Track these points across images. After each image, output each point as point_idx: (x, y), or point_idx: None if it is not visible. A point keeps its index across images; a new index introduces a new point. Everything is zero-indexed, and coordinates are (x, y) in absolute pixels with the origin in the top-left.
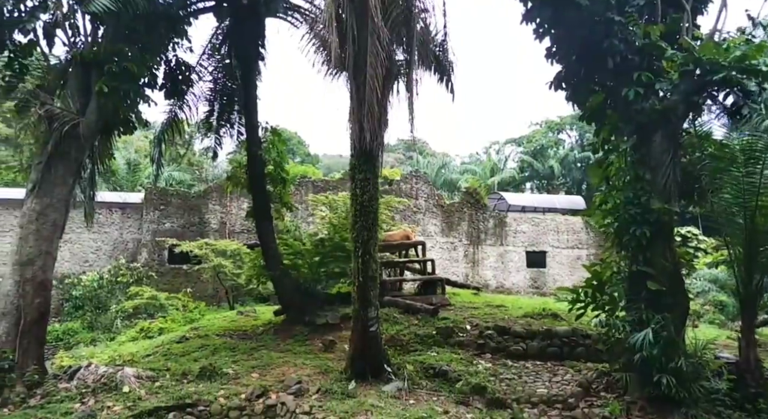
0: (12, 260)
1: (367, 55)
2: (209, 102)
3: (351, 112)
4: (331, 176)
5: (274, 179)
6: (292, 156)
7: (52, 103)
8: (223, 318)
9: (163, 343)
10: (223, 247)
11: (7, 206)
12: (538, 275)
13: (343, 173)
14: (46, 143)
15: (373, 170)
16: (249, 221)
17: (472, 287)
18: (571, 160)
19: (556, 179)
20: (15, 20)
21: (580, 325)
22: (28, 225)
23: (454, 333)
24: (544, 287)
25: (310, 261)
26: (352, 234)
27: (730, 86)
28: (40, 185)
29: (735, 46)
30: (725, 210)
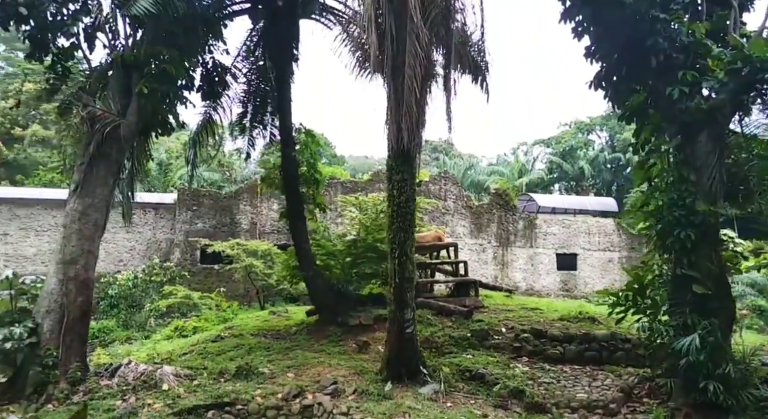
0: (55, 259)
1: (405, 56)
2: (243, 104)
3: (388, 113)
4: (359, 177)
5: (307, 180)
6: (319, 157)
7: (94, 105)
8: (256, 318)
9: (199, 342)
10: (254, 247)
11: (46, 206)
12: (568, 277)
13: (371, 174)
14: (87, 145)
15: (411, 171)
16: (279, 221)
17: (504, 290)
18: (602, 161)
19: (585, 180)
20: (58, 24)
21: (619, 329)
22: (71, 225)
23: (490, 335)
24: (575, 290)
25: (342, 262)
26: (388, 235)
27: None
28: (82, 186)
29: None
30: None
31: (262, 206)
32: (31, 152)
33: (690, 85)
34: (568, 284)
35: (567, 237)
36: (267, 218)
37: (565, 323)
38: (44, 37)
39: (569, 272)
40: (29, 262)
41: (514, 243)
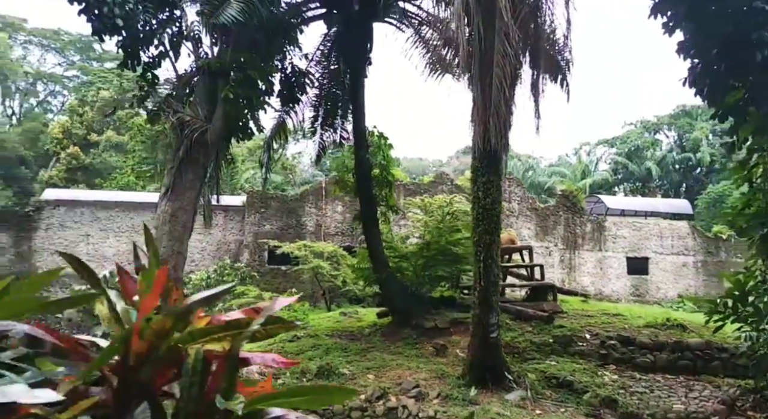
0: None
1: (494, 55)
2: (314, 108)
3: (474, 113)
4: (420, 178)
5: (379, 182)
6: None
7: (183, 112)
8: (327, 319)
9: (276, 341)
10: (321, 249)
11: (124, 208)
12: (639, 282)
13: (433, 176)
14: (177, 150)
15: (497, 173)
16: (343, 223)
17: (580, 294)
18: (670, 161)
19: (652, 181)
20: (149, 34)
21: (714, 338)
22: (162, 226)
23: (573, 341)
24: (646, 296)
25: (414, 264)
26: (473, 238)
27: None
28: (172, 189)
29: None
30: None
31: (326, 208)
32: (106, 157)
33: None
34: (639, 289)
35: (638, 240)
36: (331, 220)
37: (652, 330)
38: (136, 47)
39: (640, 277)
40: (108, 262)
41: (581, 246)
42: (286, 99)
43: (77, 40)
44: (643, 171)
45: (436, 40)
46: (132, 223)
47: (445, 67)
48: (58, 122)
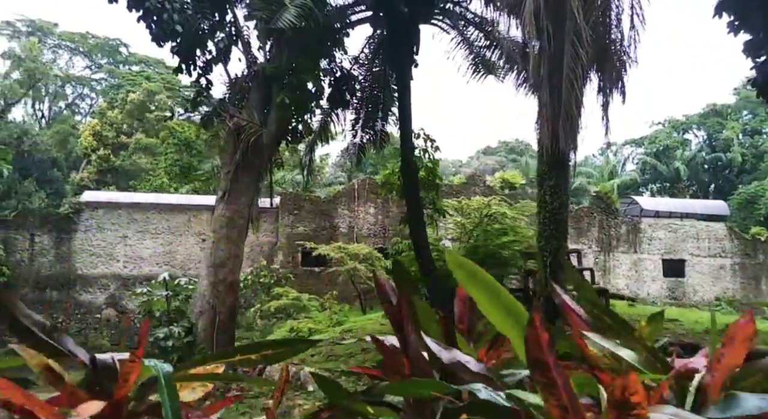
0: (206, 263)
1: (563, 57)
2: (356, 110)
3: (542, 116)
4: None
5: (426, 185)
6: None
7: (240, 116)
8: (369, 321)
9: (321, 344)
10: (356, 251)
11: (160, 210)
12: (676, 285)
13: (466, 177)
14: (233, 154)
15: (565, 177)
16: (375, 225)
17: (627, 298)
18: (699, 162)
19: (681, 181)
20: (202, 39)
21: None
22: (219, 230)
23: None
24: (683, 298)
25: None
26: (539, 243)
27: None
28: (229, 193)
29: None
30: None
31: (359, 209)
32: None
33: None
34: (675, 292)
35: (674, 242)
36: (364, 221)
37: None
38: (191, 52)
39: (677, 279)
40: (145, 263)
41: (616, 248)
42: (336, 102)
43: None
44: (671, 171)
45: (481, 41)
46: (168, 224)
47: (488, 68)
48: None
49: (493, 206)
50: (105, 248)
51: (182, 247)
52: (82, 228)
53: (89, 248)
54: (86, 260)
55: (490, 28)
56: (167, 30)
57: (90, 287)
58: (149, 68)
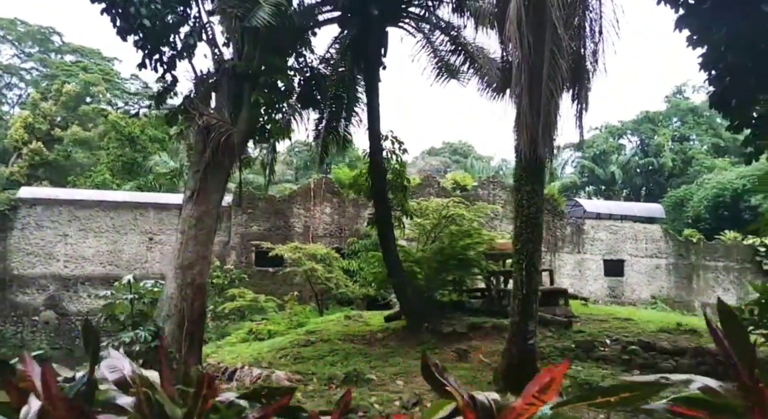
0: (174, 265)
1: (543, 66)
2: (319, 110)
3: (520, 122)
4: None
5: (394, 186)
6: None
7: (210, 114)
8: (332, 322)
9: (289, 346)
10: (313, 251)
11: (104, 208)
12: (616, 284)
13: (421, 179)
14: (202, 153)
15: (541, 182)
16: (331, 225)
17: (580, 298)
18: (633, 166)
19: (616, 184)
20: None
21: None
22: (188, 231)
23: (595, 347)
24: (622, 297)
25: (427, 269)
26: (515, 246)
27: None
28: (198, 193)
29: None
30: None
31: (315, 209)
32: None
33: None
34: (615, 291)
35: (614, 243)
36: (320, 221)
37: (667, 335)
38: (156, 47)
39: (616, 279)
40: (88, 262)
41: (561, 249)
42: (307, 102)
43: (36, 31)
44: (607, 175)
45: (446, 46)
46: (112, 223)
47: (451, 72)
48: (19, 116)
49: (451, 208)
50: (44, 247)
51: (128, 246)
52: (18, 226)
53: (26, 247)
54: (23, 259)
55: (455, 32)
56: (134, 24)
57: (27, 288)
58: (85, 58)
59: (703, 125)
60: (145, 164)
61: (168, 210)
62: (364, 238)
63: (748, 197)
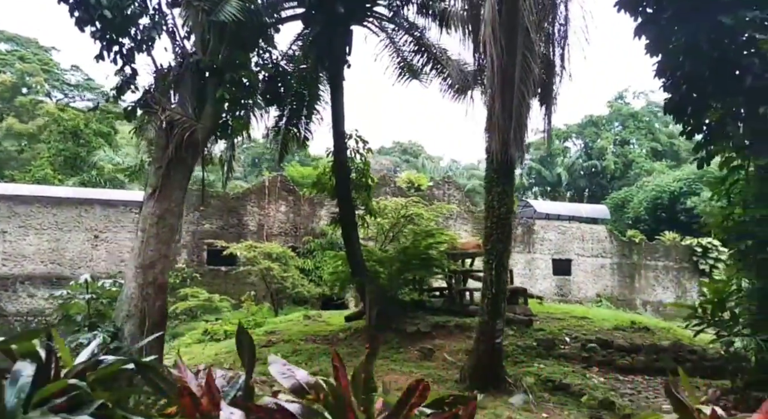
0: (134, 263)
1: (515, 70)
2: (280, 107)
3: (493, 125)
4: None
5: (357, 186)
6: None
7: (173, 109)
8: (292, 322)
9: None
10: (269, 250)
11: (46, 203)
12: (563, 282)
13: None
14: (164, 148)
15: (511, 183)
16: (286, 224)
17: (536, 297)
18: (577, 168)
19: (561, 186)
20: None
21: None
22: (149, 229)
23: (555, 344)
24: (569, 295)
25: (390, 268)
26: (485, 246)
27: None
28: (160, 190)
29: None
30: None
31: (269, 207)
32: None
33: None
34: (563, 289)
35: (563, 243)
36: (274, 220)
37: (623, 333)
38: (115, 39)
39: (564, 277)
40: (28, 261)
41: (513, 248)
42: (270, 99)
43: None
44: (554, 176)
45: (408, 46)
46: (55, 219)
47: (413, 73)
48: None
49: (410, 207)
50: None
51: (72, 244)
52: None
53: None
54: None
55: (418, 33)
56: (94, 14)
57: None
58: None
59: (643, 129)
60: (89, 159)
61: (114, 207)
62: (319, 237)
63: (684, 200)
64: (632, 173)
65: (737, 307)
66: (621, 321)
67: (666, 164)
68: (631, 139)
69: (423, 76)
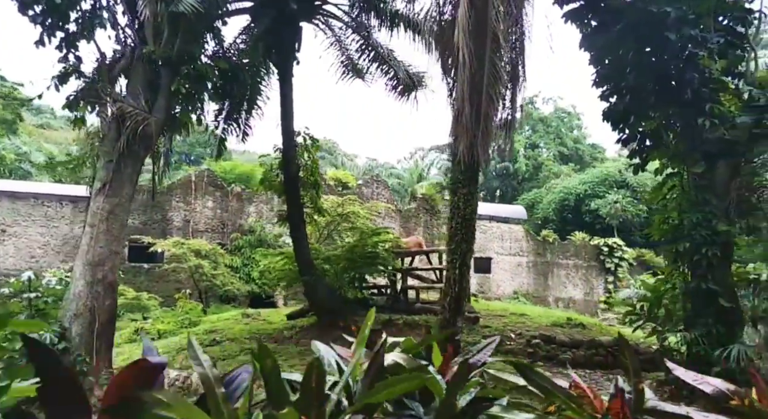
0: (82, 261)
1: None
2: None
3: (460, 129)
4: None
5: (305, 183)
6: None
7: (125, 101)
8: (231, 321)
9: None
10: (198, 246)
11: None
12: (484, 280)
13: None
14: (114, 141)
15: (476, 185)
16: (213, 220)
17: (472, 294)
18: (491, 169)
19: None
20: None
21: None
22: (99, 225)
23: (502, 341)
24: (489, 292)
25: (336, 267)
26: (449, 246)
27: None
28: (110, 184)
29: None
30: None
31: (196, 203)
32: None
33: (715, 117)
34: (483, 287)
35: (483, 242)
36: (201, 215)
37: (562, 329)
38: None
39: (484, 275)
40: None
41: (438, 247)
42: (223, 94)
43: None
44: None
45: (354, 45)
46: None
47: (358, 72)
48: None
49: (347, 206)
50: None
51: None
52: None
53: None
54: None
55: (366, 33)
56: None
57: None
58: None
59: (551, 134)
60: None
61: (23, 200)
62: (248, 233)
63: (588, 202)
64: (542, 175)
65: (672, 305)
66: (557, 318)
67: (572, 167)
68: (540, 142)
69: (368, 75)
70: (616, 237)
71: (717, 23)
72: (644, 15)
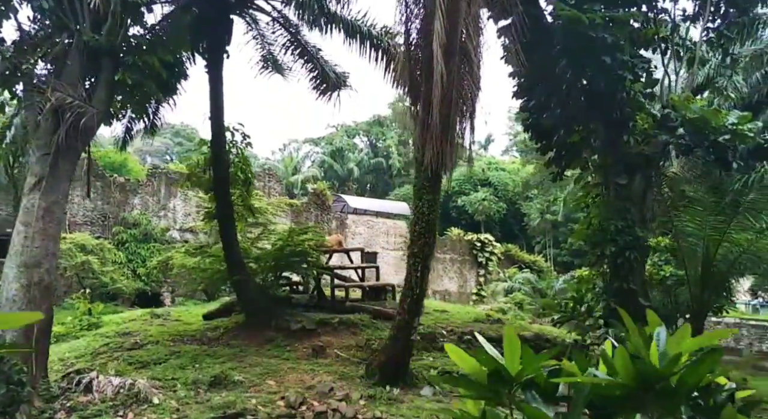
0: (15, 262)
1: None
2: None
3: (427, 138)
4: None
5: (235, 181)
6: None
7: (63, 91)
8: (141, 322)
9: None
10: (83, 241)
11: None
12: (370, 274)
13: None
14: (51, 133)
15: (439, 192)
16: (94, 212)
17: None
18: (366, 164)
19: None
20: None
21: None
22: (34, 224)
23: (436, 337)
24: None
25: (264, 266)
26: (412, 249)
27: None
28: (47, 180)
29: None
30: (686, 239)
31: (74, 194)
32: None
33: (637, 134)
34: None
35: (371, 237)
36: (79, 207)
37: (482, 325)
38: None
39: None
40: None
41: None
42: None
43: None
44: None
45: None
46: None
47: (278, 68)
48: None
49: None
50: None
51: None
52: None
53: None
54: None
55: (294, 30)
56: None
57: None
58: None
59: None
60: None
61: None
62: (132, 227)
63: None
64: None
65: (594, 303)
66: (476, 315)
67: None
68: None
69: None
70: (483, 232)
71: (632, 50)
72: (582, 39)
